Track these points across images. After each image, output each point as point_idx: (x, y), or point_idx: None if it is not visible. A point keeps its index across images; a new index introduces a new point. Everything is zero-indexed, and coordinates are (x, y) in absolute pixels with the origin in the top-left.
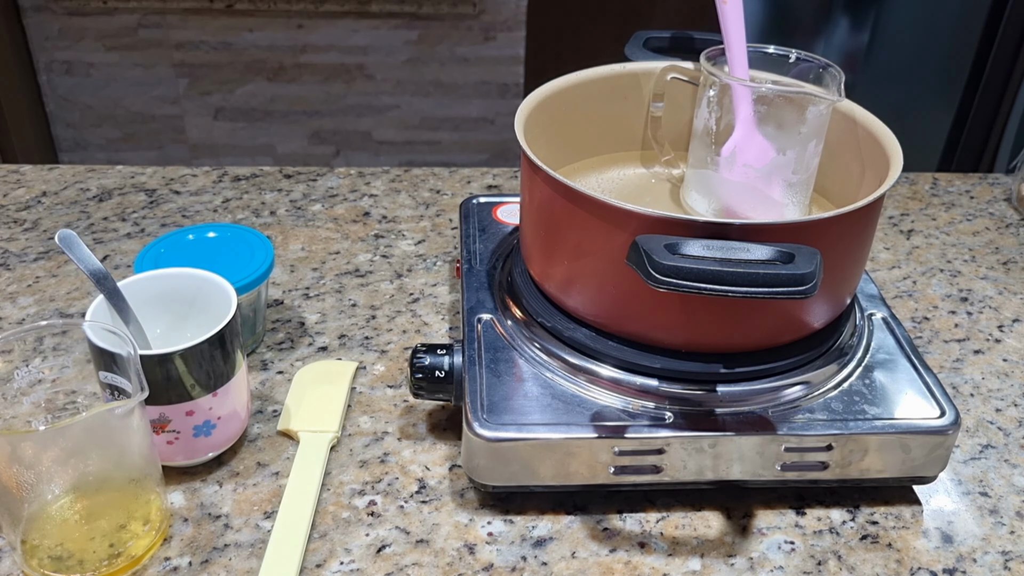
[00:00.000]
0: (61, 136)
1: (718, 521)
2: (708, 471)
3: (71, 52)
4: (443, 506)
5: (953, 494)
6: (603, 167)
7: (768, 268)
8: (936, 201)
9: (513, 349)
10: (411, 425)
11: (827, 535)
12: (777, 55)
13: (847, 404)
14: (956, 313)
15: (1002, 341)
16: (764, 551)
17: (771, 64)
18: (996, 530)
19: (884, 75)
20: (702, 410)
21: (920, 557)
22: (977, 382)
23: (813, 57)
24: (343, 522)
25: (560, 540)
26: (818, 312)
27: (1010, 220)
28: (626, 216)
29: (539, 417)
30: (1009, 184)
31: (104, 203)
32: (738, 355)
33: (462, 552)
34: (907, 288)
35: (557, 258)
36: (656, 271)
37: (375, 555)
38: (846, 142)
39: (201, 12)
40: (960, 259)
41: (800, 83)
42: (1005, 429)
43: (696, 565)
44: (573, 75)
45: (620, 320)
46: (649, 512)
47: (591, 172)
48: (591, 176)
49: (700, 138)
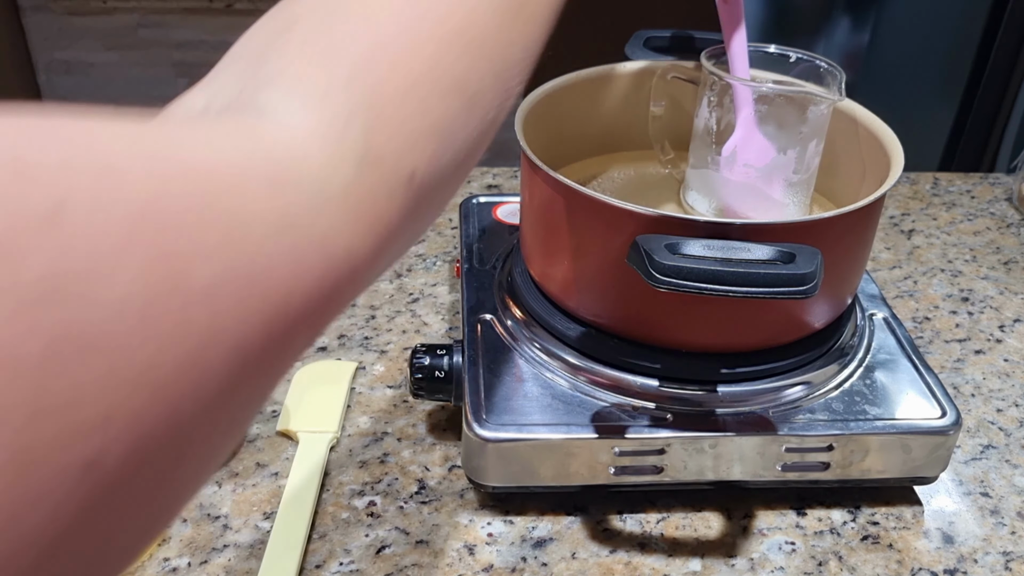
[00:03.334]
0: None
1: (718, 522)
2: (709, 471)
3: (70, 52)
4: (443, 507)
5: (954, 494)
6: (603, 167)
7: (769, 268)
8: (937, 201)
9: (513, 349)
10: (411, 425)
11: (828, 536)
12: (778, 54)
13: (848, 404)
14: (957, 313)
15: (1003, 341)
16: (765, 552)
17: (772, 63)
18: (997, 530)
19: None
20: (703, 410)
21: (921, 558)
22: (978, 382)
23: (814, 56)
24: (343, 523)
25: (560, 541)
26: (819, 312)
27: (1011, 220)
28: (626, 216)
29: (539, 417)
30: (1010, 184)
31: None
32: (739, 355)
33: (462, 553)
34: (908, 288)
35: (557, 258)
36: (656, 271)
37: (375, 556)
38: (847, 142)
39: (201, 12)
40: (961, 259)
41: (801, 83)
42: (1006, 429)
43: (696, 566)
44: (573, 74)
45: (620, 320)
46: (649, 513)
47: (591, 172)
48: (591, 176)
49: (700, 138)
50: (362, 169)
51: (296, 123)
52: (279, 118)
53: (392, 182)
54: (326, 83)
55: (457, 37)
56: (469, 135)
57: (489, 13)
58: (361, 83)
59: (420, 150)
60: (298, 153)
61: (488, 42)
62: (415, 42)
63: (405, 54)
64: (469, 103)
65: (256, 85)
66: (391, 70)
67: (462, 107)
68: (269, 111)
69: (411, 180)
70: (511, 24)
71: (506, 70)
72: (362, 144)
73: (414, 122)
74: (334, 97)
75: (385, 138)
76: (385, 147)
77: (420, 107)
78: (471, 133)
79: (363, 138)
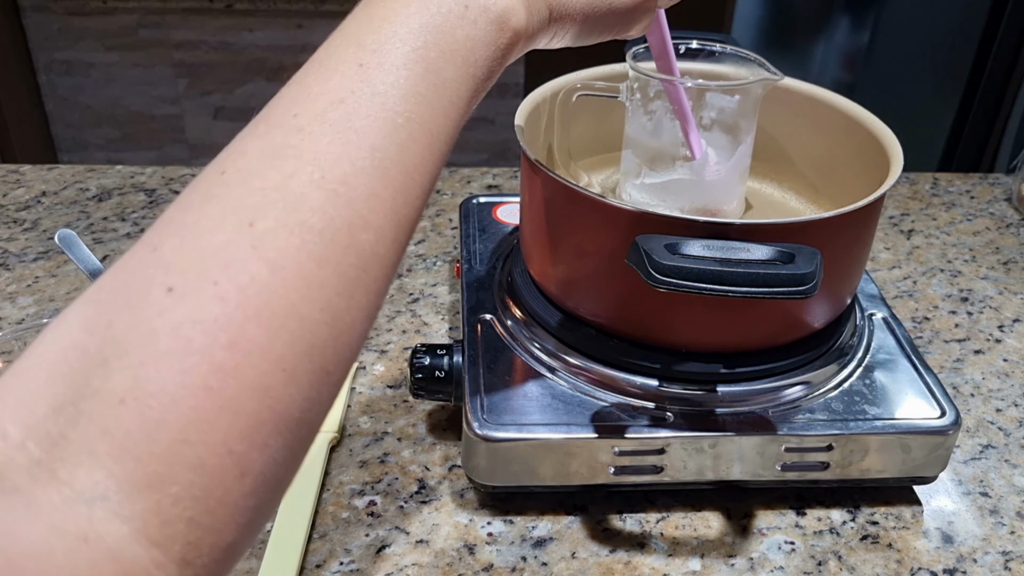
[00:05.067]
0: (61, 136)
1: (718, 521)
2: (708, 471)
3: (71, 52)
4: (443, 506)
5: (953, 494)
6: (603, 167)
7: (768, 268)
8: (936, 201)
9: (513, 349)
10: (411, 425)
11: (827, 535)
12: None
13: (847, 404)
14: (956, 313)
15: (1002, 341)
16: (764, 551)
17: (702, 58)
18: (996, 530)
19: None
20: (702, 410)
21: (920, 557)
22: (977, 382)
23: (726, 46)
24: (343, 522)
25: (560, 540)
26: (818, 312)
27: (1010, 220)
28: (626, 216)
29: (539, 417)
30: (1009, 184)
31: (104, 203)
32: (738, 355)
33: (462, 552)
34: (907, 288)
35: (557, 258)
36: (656, 271)
37: (375, 555)
38: (846, 141)
39: (201, 12)
40: (960, 259)
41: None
42: (1005, 429)
43: (696, 565)
44: (573, 75)
45: (620, 320)
46: (649, 512)
47: (591, 172)
48: (591, 175)
49: (656, 148)
50: (182, 566)
51: (118, 530)
52: (103, 524)
53: (211, 563)
54: (145, 474)
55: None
56: (292, 456)
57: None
58: (183, 464)
59: (240, 516)
60: (124, 570)
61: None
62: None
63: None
64: (294, 431)
65: (73, 454)
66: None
67: (285, 441)
68: (92, 505)
69: (230, 548)
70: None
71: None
72: (182, 540)
73: (234, 490)
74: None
75: (205, 527)
76: (205, 536)
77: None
78: (296, 454)
79: (183, 533)
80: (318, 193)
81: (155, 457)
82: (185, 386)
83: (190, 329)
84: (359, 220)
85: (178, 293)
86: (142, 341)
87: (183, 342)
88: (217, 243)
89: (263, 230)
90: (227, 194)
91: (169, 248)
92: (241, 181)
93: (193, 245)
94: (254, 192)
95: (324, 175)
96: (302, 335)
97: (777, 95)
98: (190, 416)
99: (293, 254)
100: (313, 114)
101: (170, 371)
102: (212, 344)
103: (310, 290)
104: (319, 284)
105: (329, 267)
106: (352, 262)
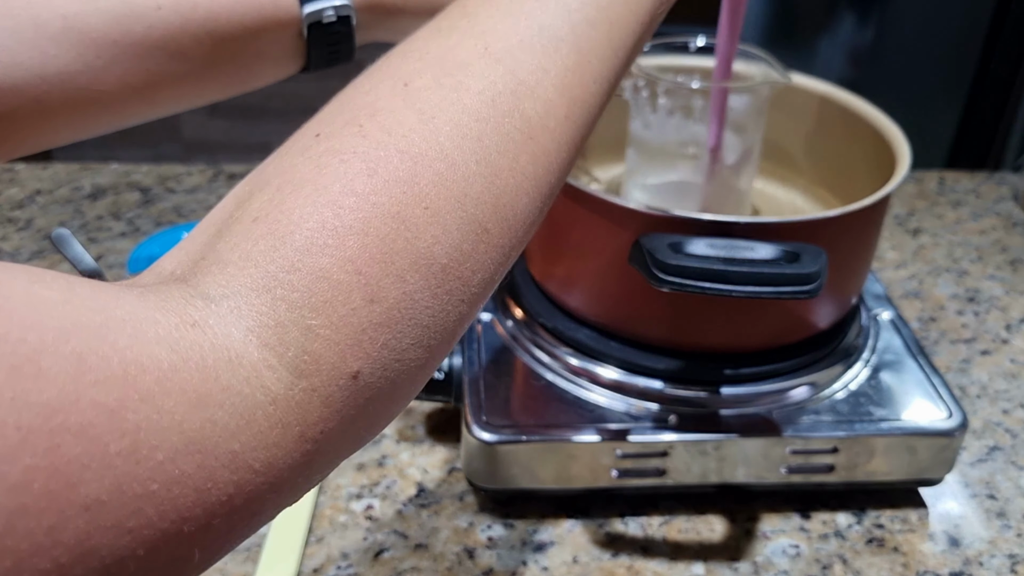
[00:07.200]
0: None
1: (722, 525)
2: (712, 474)
3: None
4: (442, 510)
5: (960, 497)
6: (604, 166)
7: (773, 267)
8: (943, 200)
9: (513, 350)
10: (409, 427)
11: (832, 539)
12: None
13: (853, 406)
14: (963, 313)
15: (1009, 342)
16: (769, 555)
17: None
18: (1003, 533)
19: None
20: (706, 412)
21: (926, 560)
22: (984, 383)
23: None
24: (340, 526)
25: (561, 544)
26: (823, 312)
27: (1017, 219)
28: (629, 215)
29: (540, 419)
30: (1016, 182)
31: (98, 201)
32: (742, 356)
33: (461, 556)
34: (913, 288)
35: (558, 258)
36: (659, 271)
37: (373, 559)
38: (853, 140)
39: None
40: (967, 258)
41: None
42: (1012, 431)
43: (700, 570)
44: None
45: (622, 320)
46: (652, 516)
47: (591, 171)
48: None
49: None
50: (296, 376)
51: (231, 324)
52: (216, 317)
53: (330, 386)
54: (265, 277)
55: (418, 202)
56: (440, 312)
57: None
58: (304, 272)
59: (367, 345)
60: (228, 360)
61: (467, 203)
62: (368, 217)
63: (355, 232)
64: (439, 277)
65: (207, 265)
66: (337, 252)
67: (427, 283)
68: (211, 301)
69: (354, 381)
70: (493, 177)
71: (498, 226)
72: (297, 347)
73: (361, 313)
74: (273, 292)
75: (324, 339)
76: (323, 350)
77: (369, 293)
78: (444, 309)
79: (299, 341)
80: (480, 61)
81: (275, 262)
82: (314, 203)
83: (329, 157)
84: (524, 89)
85: (324, 135)
86: (282, 172)
87: (317, 168)
88: (369, 99)
89: (417, 87)
90: (388, 64)
91: (325, 109)
92: (403, 54)
93: (347, 106)
94: (414, 60)
95: (488, 46)
96: (453, 180)
97: (783, 91)
98: (316, 229)
99: (446, 107)
100: (480, 1)
101: (302, 192)
102: (348, 171)
103: (463, 140)
104: (475, 136)
105: (488, 124)
106: (516, 126)
